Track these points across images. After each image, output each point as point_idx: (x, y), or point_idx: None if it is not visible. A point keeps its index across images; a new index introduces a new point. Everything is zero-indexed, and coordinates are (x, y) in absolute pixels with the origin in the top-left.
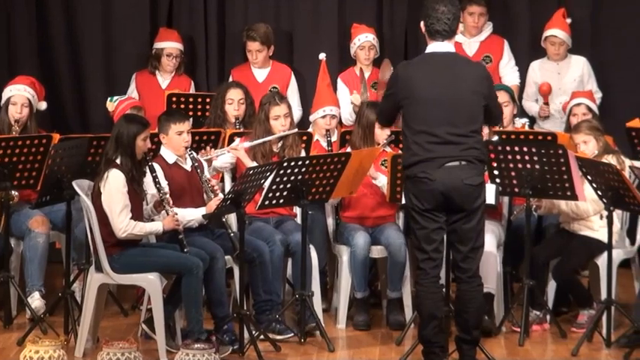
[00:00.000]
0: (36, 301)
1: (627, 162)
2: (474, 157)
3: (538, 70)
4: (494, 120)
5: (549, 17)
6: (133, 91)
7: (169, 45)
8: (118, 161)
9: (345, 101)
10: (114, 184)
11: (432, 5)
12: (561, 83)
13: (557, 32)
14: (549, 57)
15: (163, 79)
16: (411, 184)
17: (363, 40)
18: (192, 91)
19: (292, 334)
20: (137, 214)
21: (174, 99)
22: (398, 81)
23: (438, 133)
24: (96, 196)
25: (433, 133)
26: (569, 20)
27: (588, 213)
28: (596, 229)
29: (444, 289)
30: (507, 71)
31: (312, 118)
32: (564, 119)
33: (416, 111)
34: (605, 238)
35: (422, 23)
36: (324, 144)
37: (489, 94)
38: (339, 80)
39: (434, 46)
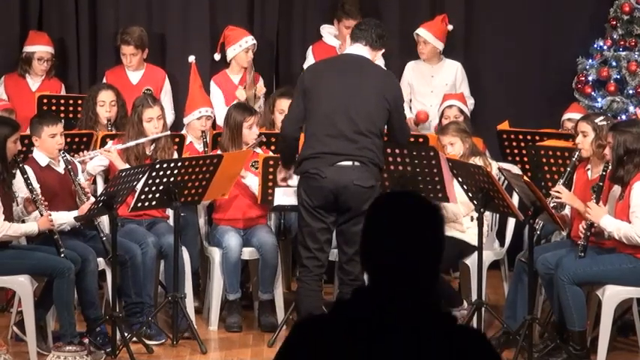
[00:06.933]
0: None
1: (494, 164)
2: (368, 158)
3: (412, 70)
4: (396, 135)
5: (422, 21)
6: (1, 94)
7: (40, 49)
8: None
9: (220, 104)
10: None
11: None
12: (432, 86)
13: (421, 31)
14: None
15: (34, 82)
16: (303, 179)
17: (251, 43)
18: (62, 94)
19: (164, 340)
20: (8, 216)
21: (45, 101)
22: (306, 72)
23: (337, 123)
24: None
25: (333, 122)
26: (450, 27)
27: (458, 215)
28: (464, 230)
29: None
30: None
31: (186, 120)
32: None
33: (319, 99)
34: (472, 240)
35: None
36: (199, 146)
37: (394, 103)
38: (212, 83)
39: (351, 49)
